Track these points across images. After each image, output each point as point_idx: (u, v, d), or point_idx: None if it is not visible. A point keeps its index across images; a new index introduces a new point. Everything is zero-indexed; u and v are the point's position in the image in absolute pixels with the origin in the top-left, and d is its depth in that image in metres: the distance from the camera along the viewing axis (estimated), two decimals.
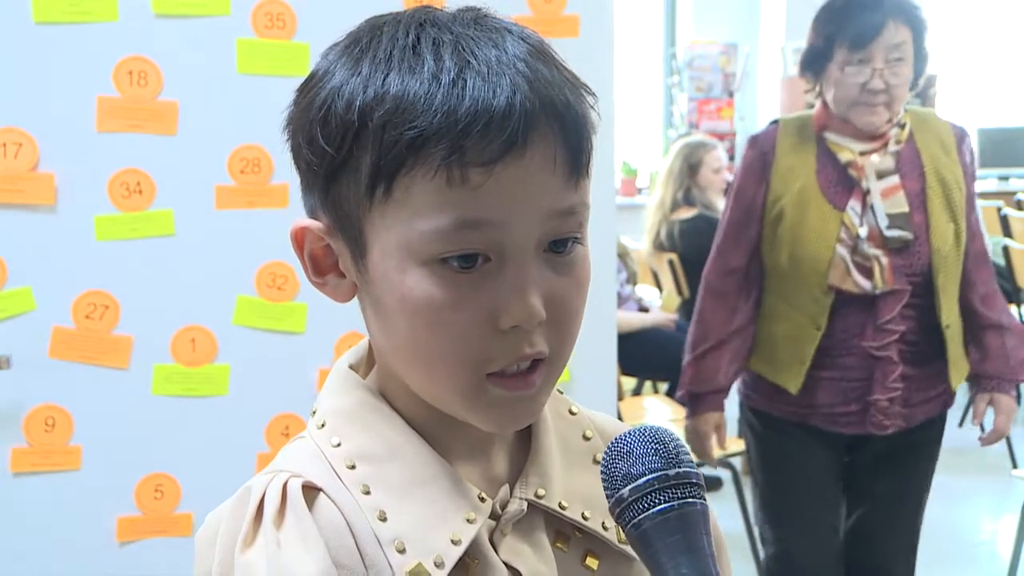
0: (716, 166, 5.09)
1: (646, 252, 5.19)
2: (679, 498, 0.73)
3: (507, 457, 0.88)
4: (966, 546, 4.11)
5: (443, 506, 0.81)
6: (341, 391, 0.87)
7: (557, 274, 0.79)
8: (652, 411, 4.17)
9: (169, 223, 2.02)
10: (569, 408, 0.92)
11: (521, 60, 0.77)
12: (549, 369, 0.81)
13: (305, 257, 0.84)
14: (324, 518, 0.79)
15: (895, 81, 2.38)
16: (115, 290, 2.02)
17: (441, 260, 0.76)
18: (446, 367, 0.78)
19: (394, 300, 0.78)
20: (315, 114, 0.79)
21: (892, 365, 2.43)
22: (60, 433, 2.02)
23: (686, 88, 8.00)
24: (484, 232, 0.75)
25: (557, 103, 0.77)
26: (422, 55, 0.76)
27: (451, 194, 0.74)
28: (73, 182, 1.99)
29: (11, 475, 2.02)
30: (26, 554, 2.03)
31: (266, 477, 0.82)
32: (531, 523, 0.85)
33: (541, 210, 0.76)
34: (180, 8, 2.00)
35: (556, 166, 0.77)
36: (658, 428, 0.76)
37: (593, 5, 2.13)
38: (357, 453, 0.83)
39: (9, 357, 1.99)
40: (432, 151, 0.74)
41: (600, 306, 2.19)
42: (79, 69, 1.98)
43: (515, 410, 0.81)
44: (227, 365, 2.06)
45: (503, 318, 0.77)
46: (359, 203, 0.78)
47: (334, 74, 0.79)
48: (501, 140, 0.74)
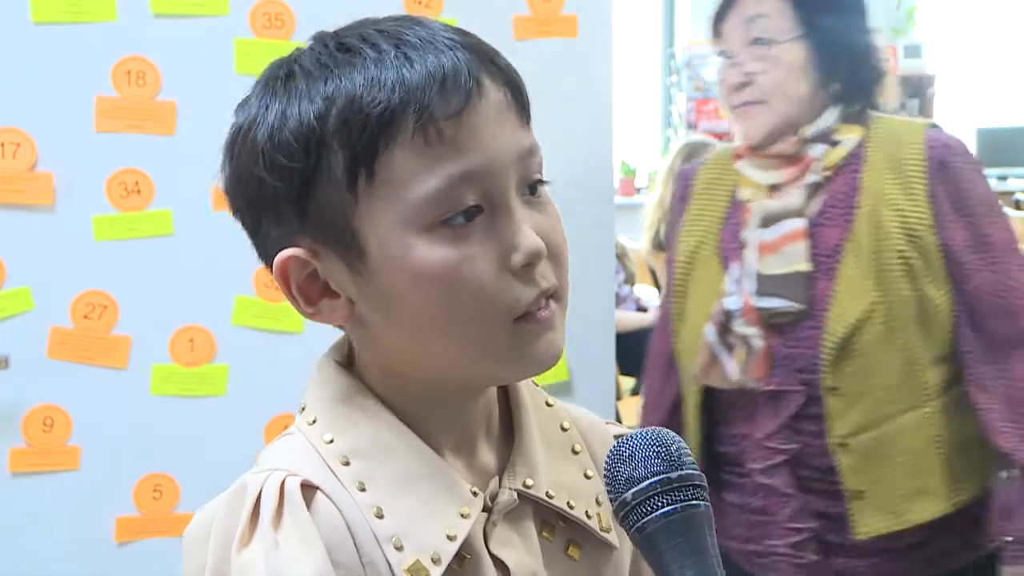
0: None
1: (645, 251, 5.19)
2: (682, 501, 0.73)
3: (492, 449, 0.88)
4: None
5: (438, 501, 0.82)
6: (327, 385, 0.87)
7: (538, 213, 0.83)
8: None
9: (167, 223, 2.02)
10: (546, 400, 0.94)
11: (444, 32, 0.81)
12: (559, 300, 0.83)
13: (294, 292, 0.84)
14: (323, 517, 0.79)
15: (757, 68, 1.71)
16: (113, 290, 2.02)
17: (442, 222, 0.78)
18: (477, 325, 0.79)
19: (405, 280, 0.79)
20: (265, 145, 0.80)
21: (783, 498, 1.73)
22: (58, 433, 2.02)
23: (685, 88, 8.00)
24: (472, 183, 0.79)
25: (492, 57, 0.82)
26: (356, 49, 0.80)
27: (432, 153, 0.78)
28: (71, 182, 1.99)
29: (10, 475, 2.02)
30: (25, 554, 2.03)
31: (261, 475, 0.81)
32: (520, 513, 0.86)
33: (511, 151, 0.81)
34: (178, 8, 2.00)
35: (509, 106, 0.81)
36: (660, 430, 0.77)
37: (592, 5, 2.13)
38: (350, 449, 0.83)
39: (7, 357, 1.99)
40: (402, 119, 0.77)
41: (598, 306, 2.19)
42: (77, 69, 1.98)
43: (548, 345, 0.82)
44: (226, 365, 2.06)
45: (514, 257, 0.79)
46: (342, 202, 0.79)
47: (267, 110, 0.81)
48: (459, 92, 0.78)
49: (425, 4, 2.05)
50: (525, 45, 2.08)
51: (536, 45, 2.09)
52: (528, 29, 2.09)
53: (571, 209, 2.14)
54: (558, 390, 2.13)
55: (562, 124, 2.11)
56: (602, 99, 2.14)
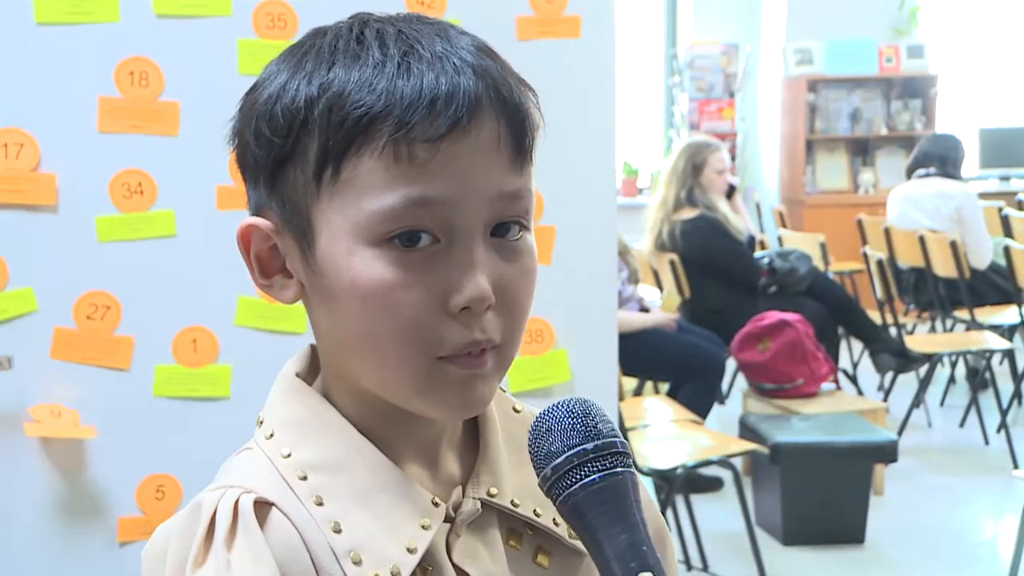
0: (719, 167, 5.09)
1: (647, 252, 5.19)
2: (601, 470, 0.74)
3: (456, 457, 0.87)
4: (967, 547, 4.11)
5: (397, 513, 0.81)
6: (289, 399, 0.86)
7: (504, 260, 0.79)
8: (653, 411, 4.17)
9: (170, 224, 2.02)
10: (513, 406, 0.92)
11: (464, 50, 0.79)
12: (499, 356, 0.81)
13: (251, 258, 0.84)
14: (277, 534, 0.78)
15: None
16: (116, 291, 2.02)
17: (389, 240, 0.77)
18: (397, 350, 0.78)
19: (344, 285, 0.78)
20: (260, 110, 0.80)
21: None
22: None
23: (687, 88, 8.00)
24: (432, 210, 0.76)
25: (500, 89, 0.79)
26: (366, 44, 0.78)
27: (398, 171, 0.76)
28: (74, 183, 1.99)
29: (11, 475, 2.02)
30: (27, 554, 2.03)
31: (216, 493, 0.80)
32: (485, 523, 0.85)
33: (488, 190, 0.78)
34: (181, 9, 2.00)
35: (501, 147, 0.78)
36: (577, 400, 0.77)
37: (594, 5, 2.13)
38: (308, 463, 0.81)
39: (10, 358, 1.99)
40: (379, 127, 0.76)
41: (601, 306, 2.19)
42: (80, 70, 1.98)
43: (469, 392, 0.80)
44: (228, 366, 2.06)
45: (453, 298, 0.77)
46: (307, 190, 0.79)
47: (277, 75, 0.81)
48: (446, 117, 0.76)
49: (428, 4, 2.05)
50: (527, 45, 2.08)
51: (538, 46, 2.09)
52: (530, 30, 2.09)
53: (573, 209, 2.16)
54: (560, 391, 2.13)
55: (564, 125, 2.11)
56: (604, 100, 2.14)
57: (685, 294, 5.02)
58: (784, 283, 5.21)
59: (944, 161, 5.74)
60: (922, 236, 5.42)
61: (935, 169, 5.74)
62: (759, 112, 8.43)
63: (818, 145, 8.11)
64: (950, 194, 5.61)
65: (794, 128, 8.08)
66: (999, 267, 5.55)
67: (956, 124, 7.85)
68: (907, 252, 5.65)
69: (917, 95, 8.07)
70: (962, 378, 5.90)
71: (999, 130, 8.19)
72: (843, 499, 4.01)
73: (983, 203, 5.92)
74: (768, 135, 8.40)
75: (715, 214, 5.03)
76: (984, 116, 8.30)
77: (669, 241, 5.05)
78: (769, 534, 4.02)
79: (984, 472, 4.65)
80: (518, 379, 2.11)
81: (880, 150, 8.16)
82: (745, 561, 3.69)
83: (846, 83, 8.01)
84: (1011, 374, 5.51)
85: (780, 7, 8.12)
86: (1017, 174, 8.08)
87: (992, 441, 5.01)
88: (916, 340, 5.46)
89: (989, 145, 8.07)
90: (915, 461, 4.80)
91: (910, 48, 7.99)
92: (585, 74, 2.12)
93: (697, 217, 5.02)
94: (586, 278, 2.17)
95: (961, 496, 4.49)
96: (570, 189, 2.13)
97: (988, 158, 8.06)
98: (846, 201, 7.80)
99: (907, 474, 4.63)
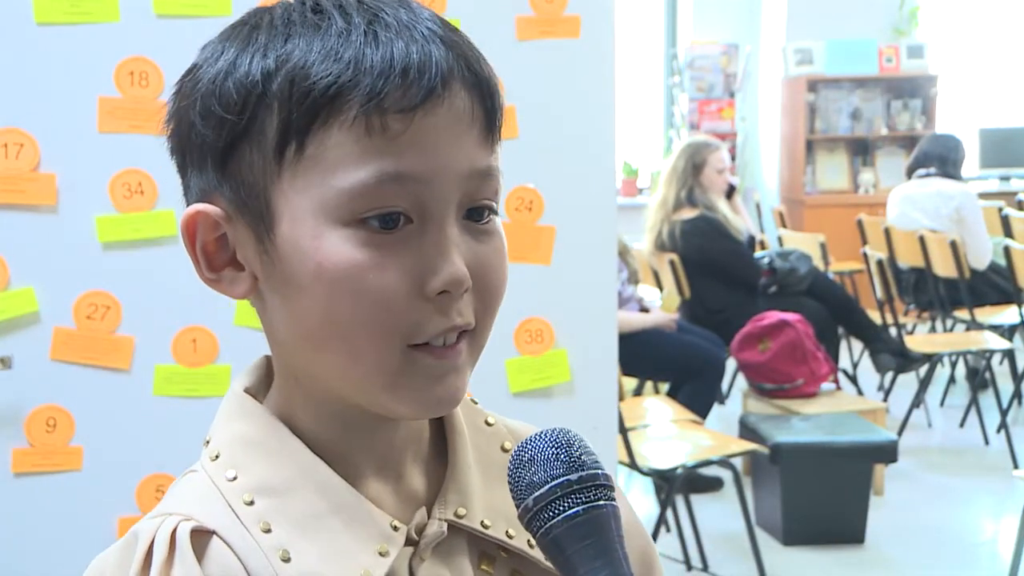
0: (719, 167, 5.09)
1: (647, 252, 5.19)
2: (584, 503, 0.71)
3: (423, 473, 0.82)
4: (967, 547, 4.11)
5: (352, 539, 0.75)
6: (235, 417, 0.80)
7: (477, 242, 0.75)
8: (653, 411, 4.17)
9: (171, 224, 2.02)
10: (485, 419, 0.86)
11: (430, 20, 0.75)
12: (472, 342, 0.77)
13: (197, 251, 0.77)
14: (215, 565, 0.73)
15: None
16: (116, 291, 2.02)
17: (361, 220, 0.72)
18: (370, 338, 0.73)
19: (309, 271, 0.73)
20: (206, 88, 0.75)
21: None
22: (61, 434, 2.03)
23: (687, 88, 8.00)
24: (406, 187, 0.72)
25: (470, 59, 0.75)
26: (327, 13, 0.73)
27: (371, 144, 0.71)
28: (74, 183, 1.99)
29: (12, 476, 2.02)
30: (27, 554, 2.03)
31: (155, 522, 0.75)
32: (451, 546, 0.80)
33: (461, 166, 0.74)
34: (181, 9, 2.00)
35: (473, 120, 0.74)
36: (559, 431, 0.74)
37: (594, 5, 2.13)
38: (255, 486, 0.76)
39: (10, 358, 1.99)
40: (349, 98, 0.71)
41: (601, 306, 2.19)
42: (80, 70, 1.98)
43: (442, 385, 0.75)
44: (228, 366, 2.06)
45: (431, 282, 0.73)
46: (265, 170, 0.74)
47: (223, 53, 0.76)
48: (420, 86, 0.71)
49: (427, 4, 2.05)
50: (528, 45, 2.08)
51: (539, 45, 2.09)
52: (531, 29, 2.09)
53: (573, 210, 2.16)
54: (560, 391, 2.13)
55: (564, 125, 2.11)
56: (604, 99, 2.14)
57: (685, 294, 5.02)
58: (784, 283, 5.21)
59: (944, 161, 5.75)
60: (922, 236, 5.42)
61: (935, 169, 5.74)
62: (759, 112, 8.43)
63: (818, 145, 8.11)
64: (950, 194, 5.61)
65: (794, 128, 8.08)
66: (999, 267, 5.55)
67: (956, 124, 7.85)
68: (907, 252, 5.65)
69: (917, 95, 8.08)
70: (962, 378, 5.90)
71: (999, 130, 8.19)
72: (843, 499, 4.01)
73: (983, 203, 5.92)
74: (768, 135, 8.40)
75: (715, 214, 5.04)
76: (984, 116, 8.31)
77: (669, 241, 5.05)
78: (769, 534, 4.02)
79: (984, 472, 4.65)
80: (518, 379, 2.11)
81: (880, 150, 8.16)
82: (745, 561, 3.69)
83: (846, 83, 8.02)
84: (1011, 374, 5.51)
85: (780, 7, 8.12)
86: (1017, 174, 8.08)
87: (992, 441, 5.01)
88: (916, 340, 5.46)
89: (989, 145, 8.07)
90: (915, 461, 4.80)
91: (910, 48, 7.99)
92: (585, 74, 2.12)
93: (697, 217, 5.02)
94: (586, 278, 2.17)
95: (961, 496, 4.49)
96: (570, 189, 2.13)
97: (988, 158, 8.07)
98: (846, 201, 7.81)
99: (907, 474, 4.63)
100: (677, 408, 4.18)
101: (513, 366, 2.10)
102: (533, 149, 2.09)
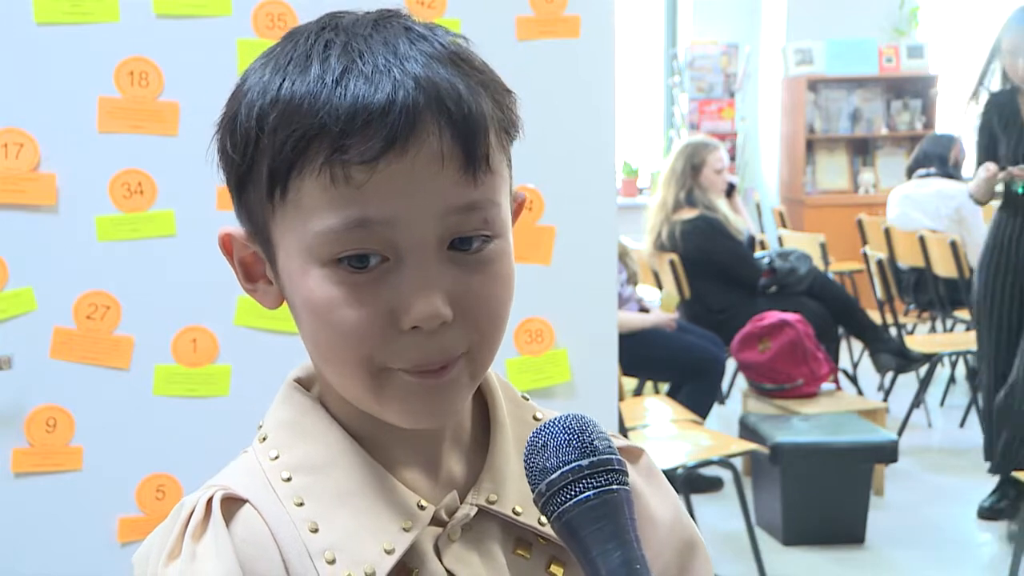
0: (718, 167, 5.09)
1: (647, 252, 5.19)
2: (595, 487, 0.73)
3: (463, 462, 0.86)
4: (967, 547, 4.11)
5: (378, 515, 0.81)
6: (282, 403, 0.88)
7: (466, 272, 0.77)
8: (653, 411, 4.17)
9: (170, 224, 2.02)
10: (534, 414, 0.91)
11: (411, 59, 0.76)
12: (470, 363, 0.80)
13: (235, 263, 0.86)
14: (245, 529, 0.80)
15: None
16: (116, 291, 2.02)
17: (337, 260, 0.76)
18: (345, 363, 0.79)
19: (300, 301, 0.80)
20: (226, 125, 0.81)
21: None
22: (61, 433, 2.03)
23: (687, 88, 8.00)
24: (374, 231, 0.75)
25: (445, 98, 0.75)
26: (311, 59, 0.77)
27: (336, 193, 0.75)
28: (74, 183, 1.99)
29: (12, 476, 2.02)
30: (27, 554, 2.03)
31: (199, 493, 0.83)
32: (482, 530, 0.84)
33: (433, 207, 0.75)
34: (181, 9, 2.00)
35: (445, 162, 0.75)
36: (574, 416, 0.77)
37: (594, 5, 2.12)
38: (294, 464, 0.83)
39: (10, 357, 1.99)
40: (316, 150, 0.75)
41: (601, 307, 2.19)
42: (80, 70, 1.98)
43: (434, 400, 0.79)
44: (228, 366, 2.06)
45: (403, 318, 0.76)
46: (263, 208, 0.79)
47: (248, 80, 0.81)
48: (381, 137, 0.73)
49: (428, 4, 2.05)
50: (527, 45, 2.08)
51: (538, 46, 2.09)
52: (530, 30, 2.09)
53: (573, 210, 2.16)
54: (560, 391, 2.13)
55: (564, 125, 2.11)
56: (604, 100, 2.14)
57: (685, 294, 5.02)
58: (784, 283, 5.21)
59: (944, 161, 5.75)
60: (922, 236, 5.43)
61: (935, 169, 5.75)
62: (759, 112, 8.43)
63: (818, 145, 8.11)
64: (950, 194, 5.61)
65: (794, 128, 8.08)
66: None
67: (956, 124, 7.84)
68: (907, 252, 5.65)
69: (917, 95, 8.08)
70: (962, 378, 5.90)
71: None
72: (843, 499, 4.01)
73: None
74: (768, 135, 8.40)
75: (715, 214, 5.04)
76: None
77: (669, 241, 5.05)
78: (769, 534, 4.02)
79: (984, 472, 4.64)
80: (518, 379, 2.11)
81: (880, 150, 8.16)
82: (745, 561, 3.69)
83: (846, 83, 8.02)
84: None
85: (780, 7, 8.12)
86: None
87: None
88: (916, 340, 5.46)
89: None
90: (915, 461, 4.80)
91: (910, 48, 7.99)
92: (585, 74, 2.12)
93: (697, 217, 5.02)
94: (586, 278, 2.17)
95: (961, 496, 4.48)
96: (570, 189, 2.13)
97: None
98: (846, 201, 7.81)
99: (907, 474, 4.63)
100: (677, 408, 4.18)
101: (513, 366, 2.10)
102: (533, 149, 2.08)
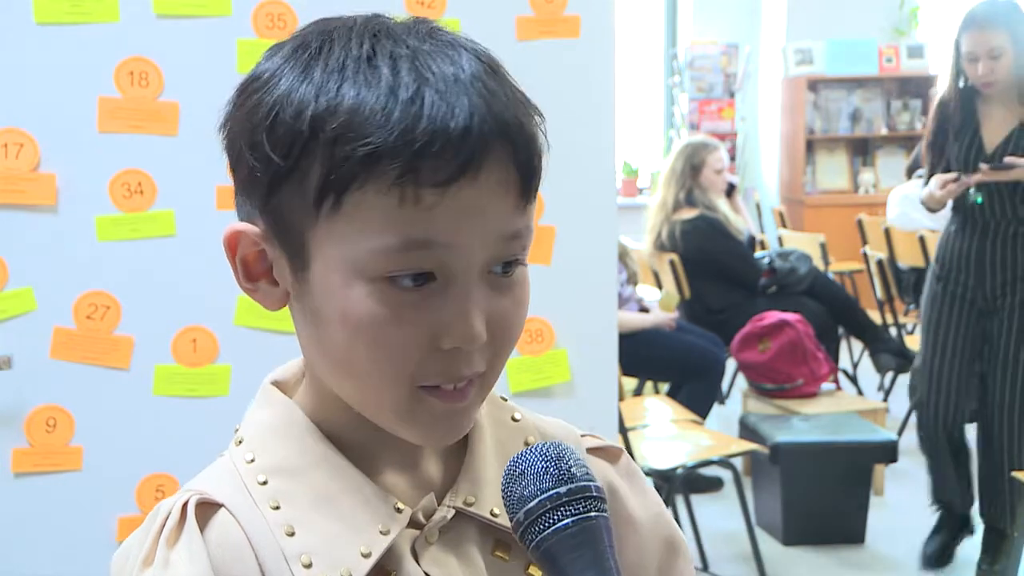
0: (718, 167, 5.09)
1: (647, 252, 5.19)
2: (574, 514, 0.73)
3: (440, 464, 0.86)
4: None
5: (356, 518, 0.80)
6: (260, 406, 0.87)
7: (499, 295, 0.78)
8: (653, 411, 4.17)
9: (170, 224, 2.02)
10: (512, 415, 0.91)
11: (478, 79, 0.75)
12: (482, 384, 0.81)
13: (236, 261, 0.82)
14: (219, 534, 0.79)
15: None
16: (116, 291, 2.02)
17: (387, 278, 0.75)
18: (380, 381, 0.78)
19: (335, 314, 0.77)
20: (261, 120, 0.76)
21: None
22: (61, 433, 2.03)
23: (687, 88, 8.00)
24: (432, 252, 0.74)
25: (512, 125, 0.75)
26: (378, 67, 0.74)
27: (401, 213, 0.73)
28: (74, 183, 1.99)
29: (12, 475, 2.02)
30: (27, 554, 2.03)
31: (174, 497, 0.82)
32: (460, 532, 0.84)
33: (490, 233, 0.76)
34: (181, 9, 2.00)
35: (508, 189, 0.76)
36: (551, 445, 0.76)
37: (594, 5, 2.12)
38: (270, 468, 0.82)
39: (10, 357, 1.99)
40: (387, 169, 0.72)
41: (601, 307, 2.19)
42: (80, 70, 1.98)
43: (448, 423, 0.80)
44: (228, 365, 2.06)
45: (445, 339, 0.76)
46: (305, 214, 0.76)
47: (281, 78, 0.77)
48: (457, 162, 0.73)
49: (428, 5, 2.05)
50: (527, 45, 2.08)
51: (538, 46, 2.09)
52: (530, 30, 2.09)
53: (573, 210, 2.16)
54: (560, 391, 2.13)
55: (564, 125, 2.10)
56: (604, 100, 2.14)
57: (685, 294, 5.02)
58: (784, 283, 5.21)
59: None
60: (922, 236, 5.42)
61: None
62: (759, 112, 8.43)
63: (818, 145, 8.11)
64: None
65: (794, 128, 8.08)
66: None
67: None
68: (907, 252, 5.65)
69: (917, 95, 8.08)
70: None
71: None
72: (843, 499, 4.01)
73: None
74: (768, 135, 8.40)
75: (715, 214, 5.04)
76: None
77: (669, 241, 5.05)
78: (769, 534, 4.02)
79: None
80: (518, 379, 2.11)
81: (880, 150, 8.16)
82: (745, 561, 3.69)
83: (846, 83, 8.02)
84: None
85: (780, 7, 8.12)
86: None
87: None
88: (916, 340, 5.46)
89: None
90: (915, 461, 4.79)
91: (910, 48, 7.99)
92: (585, 74, 2.12)
93: (697, 217, 5.02)
94: (586, 278, 2.17)
95: None
96: (570, 189, 2.13)
97: None
98: (846, 201, 7.81)
99: (907, 474, 4.62)
100: (677, 408, 4.18)
101: (513, 366, 2.10)
102: None
